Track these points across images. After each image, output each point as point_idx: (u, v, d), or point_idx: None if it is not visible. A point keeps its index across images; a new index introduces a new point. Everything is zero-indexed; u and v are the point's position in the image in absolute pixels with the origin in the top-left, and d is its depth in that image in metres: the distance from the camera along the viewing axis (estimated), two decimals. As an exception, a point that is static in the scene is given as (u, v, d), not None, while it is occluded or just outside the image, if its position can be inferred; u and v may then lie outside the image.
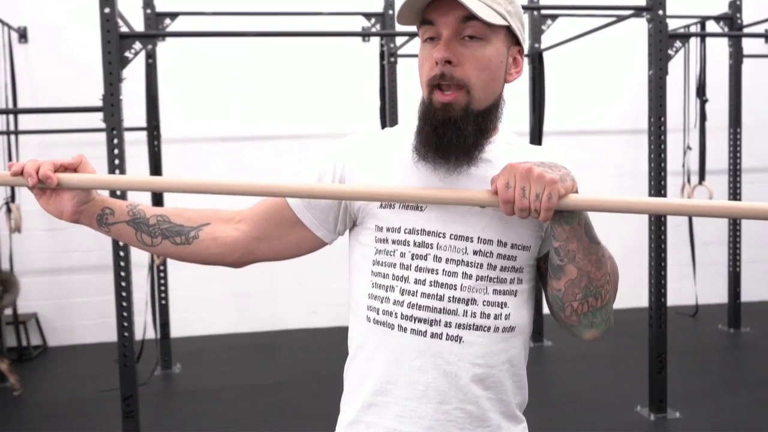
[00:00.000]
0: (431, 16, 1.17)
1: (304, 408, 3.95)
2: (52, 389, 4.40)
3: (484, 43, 1.17)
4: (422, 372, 1.20)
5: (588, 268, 1.18)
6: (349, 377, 1.30)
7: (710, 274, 5.99)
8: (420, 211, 1.21)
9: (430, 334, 1.19)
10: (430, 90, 1.19)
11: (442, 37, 1.16)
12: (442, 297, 1.19)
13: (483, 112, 1.19)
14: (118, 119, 3.17)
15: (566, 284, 1.19)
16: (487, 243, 1.20)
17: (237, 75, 5.44)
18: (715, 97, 5.39)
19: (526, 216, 1.12)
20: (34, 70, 5.16)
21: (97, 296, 5.32)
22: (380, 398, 1.23)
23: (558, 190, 1.10)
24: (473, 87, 1.17)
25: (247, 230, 1.30)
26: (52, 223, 5.24)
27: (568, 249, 1.17)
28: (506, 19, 1.17)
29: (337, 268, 5.52)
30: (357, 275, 1.28)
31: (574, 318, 1.22)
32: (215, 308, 5.52)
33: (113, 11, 3.12)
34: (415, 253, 1.20)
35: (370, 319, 1.23)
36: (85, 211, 1.27)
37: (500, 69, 1.20)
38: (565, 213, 1.14)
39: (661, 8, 3.50)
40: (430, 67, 1.18)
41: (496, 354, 1.21)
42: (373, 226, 1.24)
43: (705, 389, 4.06)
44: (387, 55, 4.68)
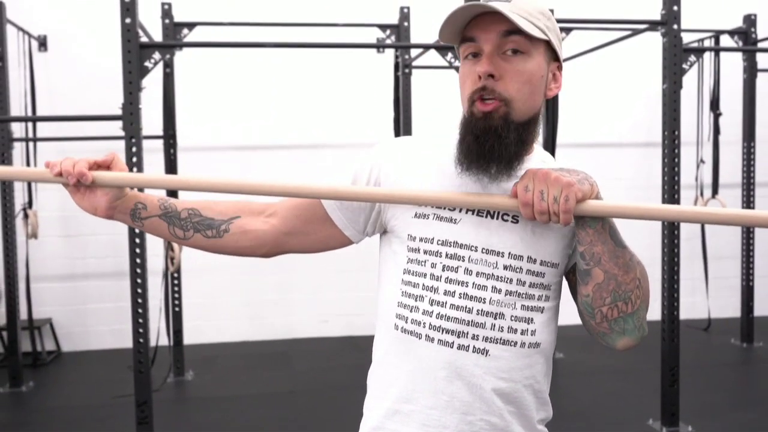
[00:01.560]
0: (472, 33, 1.19)
1: (316, 416, 3.96)
2: (66, 394, 4.44)
3: (525, 57, 1.18)
4: (447, 382, 1.21)
5: (615, 271, 1.18)
6: (373, 382, 1.31)
7: (723, 287, 5.97)
8: (453, 224, 1.22)
9: (457, 346, 1.21)
10: (471, 103, 1.20)
11: (483, 53, 1.18)
12: (471, 309, 1.20)
13: (523, 124, 1.20)
14: (137, 128, 3.21)
15: (594, 288, 1.19)
16: (518, 259, 1.22)
17: (253, 85, 5.49)
18: (728, 111, 5.40)
19: (546, 220, 1.14)
20: (52, 78, 5.23)
21: (111, 302, 5.36)
22: (405, 406, 1.24)
23: (575, 192, 1.12)
24: (514, 100, 1.18)
25: (277, 224, 1.33)
26: (68, 229, 5.30)
27: (593, 252, 1.18)
28: (546, 34, 1.19)
29: (349, 278, 5.59)
30: (387, 283, 1.29)
31: (605, 325, 1.22)
32: (228, 316, 5.55)
33: (134, 21, 3.16)
34: (447, 265, 1.22)
35: (397, 327, 1.25)
36: (118, 206, 1.30)
37: (541, 83, 1.22)
38: (587, 217, 1.16)
39: (676, 23, 3.52)
40: (472, 81, 1.20)
41: (520, 369, 1.23)
42: (406, 236, 1.25)
43: (717, 404, 4.05)
44: (401, 67, 4.71)
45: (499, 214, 1.23)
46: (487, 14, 1.17)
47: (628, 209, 1.17)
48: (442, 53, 3.45)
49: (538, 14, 1.18)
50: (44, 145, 5.03)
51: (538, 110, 1.23)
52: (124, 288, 5.37)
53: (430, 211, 1.24)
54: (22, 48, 4.87)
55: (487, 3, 1.15)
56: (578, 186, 1.13)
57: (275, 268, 5.57)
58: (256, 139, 5.46)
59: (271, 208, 1.33)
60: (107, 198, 1.28)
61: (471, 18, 1.19)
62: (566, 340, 5.10)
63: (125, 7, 3.15)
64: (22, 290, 4.73)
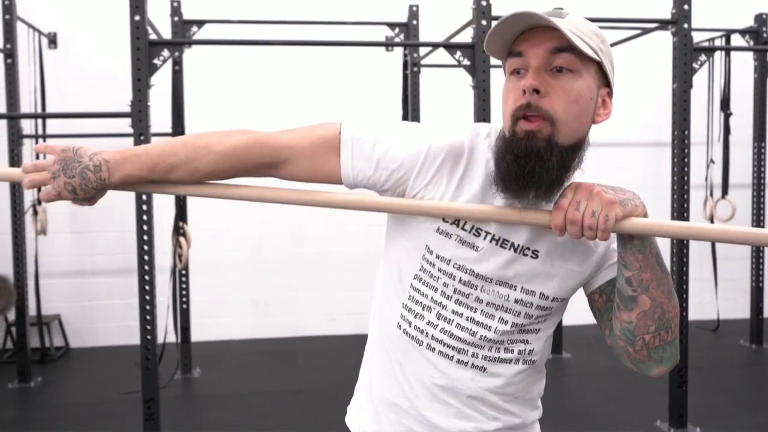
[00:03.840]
0: (520, 48, 1.14)
1: (322, 415, 3.97)
2: (74, 390, 4.45)
3: (574, 75, 1.13)
4: (443, 390, 1.24)
5: (661, 299, 1.17)
6: (372, 368, 1.33)
7: (732, 289, 5.94)
8: (474, 251, 1.20)
9: (456, 360, 1.23)
10: (514, 121, 1.14)
11: (530, 68, 1.13)
12: (475, 333, 1.22)
13: (567, 148, 1.14)
14: (146, 125, 3.21)
15: (639, 316, 1.17)
16: (530, 294, 1.21)
17: (261, 82, 5.49)
18: (739, 111, 5.36)
19: (578, 233, 1.10)
20: (62, 75, 5.25)
21: (119, 299, 5.38)
22: (403, 401, 1.27)
23: (616, 211, 1.09)
24: (559, 120, 1.12)
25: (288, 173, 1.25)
26: (77, 226, 5.32)
27: (642, 278, 1.15)
28: (598, 54, 1.14)
29: (357, 277, 5.59)
30: (393, 279, 1.28)
31: (644, 353, 1.20)
32: (235, 313, 5.56)
33: (143, 19, 3.17)
34: (459, 289, 1.21)
35: (400, 327, 1.26)
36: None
37: (589, 106, 1.16)
38: (636, 240, 1.13)
39: (687, 22, 3.50)
40: (515, 97, 1.14)
41: (515, 384, 1.26)
42: (424, 245, 1.22)
43: (725, 406, 4.03)
44: (410, 65, 4.71)
45: (520, 247, 1.20)
46: (537, 29, 1.13)
47: (671, 228, 1.14)
48: (451, 51, 3.44)
49: (592, 34, 1.14)
50: (54, 142, 5.03)
51: (585, 135, 1.17)
52: (132, 285, 5.37)
53: (453, 231, 1.20)
54: (32, 45, 4.88)
55: (542, 15, 1.10)
56: (620, 206, 1.10)
57: (282, 265, 5.58)
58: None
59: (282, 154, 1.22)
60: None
61: (520, 32, 1.14)
62: (573, 340, 5.08)
63: (134, 5, 3.15)
64: (31, 286, 4.74)
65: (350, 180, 1.22)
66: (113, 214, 5.32)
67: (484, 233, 1.20)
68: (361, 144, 1.20)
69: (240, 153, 1.20)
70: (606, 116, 1.20)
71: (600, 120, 1.19)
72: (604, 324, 1.27)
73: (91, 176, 1.20)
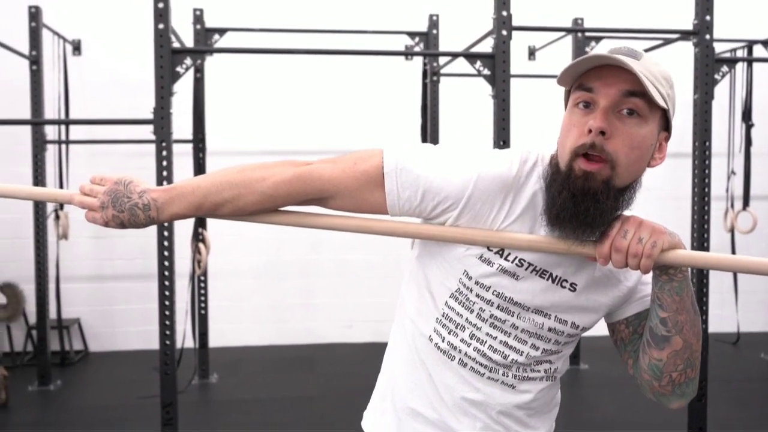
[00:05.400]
0: (592, 83, 1.13)
1: (339, 422, 3.97)
2: (93, 394, 4.49)
3: (641, 121, 1.13)
4: (471, 404, 1.26)
5: (692, 340, 1.20)
6: (396, 376, 1.32)
7: (752, 302, 5.87)
8: (515, 279, 1.21)
9: (487, 377, 1.25)
10: (574, 156, 1.13)
11: (599, 106, 1.12)
12: (507, 356, 1.24)
13: (622, 189, 1.15)
14: (168, 132, 3.25)
15: (669, 355, 1.20)
16: (563, 323, 1.24)
17: (281, 90, 5.52)
18: (761, 122, 5.32)
19: (622, 261, 1.12)
20: (85, 81, 5.31)
21: (138, 304, 5.42)
22: (429, 411, 1.28)
23: (663, 240, 1.11)
24: (619, 164, 1.12)
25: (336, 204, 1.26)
26: (98, 231, 5.37)
27: (677, 320, 1.18)
28: (666, 102, 1.14)
29: (374, 284, 5.60)
30: (425, 292, 1.28)
31: (669, 388, 1.23)
32: (253, 320, 5.58)
33: (167, 27, 3.20)
34: (495, 315, 1.23)
35: (432, 340, 1.27)
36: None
37: (649, 151, 1.16)
38: (675, 283, 1.15)
39: (708, 33, 3.48)
40: (579, 134, 1.13)
41: (541, 399, 1.29)
42: (462, 270, 1.23)
43: (745, 419, 3.99)
44: (430, 74, 4.72)
45: (559, 279, 1.22)
46: (612, 67, 1.12)
47: (714, 260, 1.16)
48: (471, 61, 3.45)
49: (663, 80, 1.14)
50: (76, 148, 5.11)
51: (639, 178, 1.18)
52: (152, 290, 5.40)
53: (496, 260, 1.21)
54: (57, 52, 4.95)
55: (620, 57, 1.09)
56: (668, 236, 1.12)
57: (300, 272, 5.60)
58: (283, 144, 5.48)
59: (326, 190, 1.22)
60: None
61: (593, 66, 1.13)
62: (591, 351, 5.04)
63: (158, 13, 3.19)
64: (52, 290, 4.80)
65: (396, 211, 1.22)
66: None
67: (526, 264, 1.21)
68: (406, 174, 1.20)
69: (284, 191, 1.22)
70: (661, 160, 1.20)
71: (655, 164, 1.20)
72: (628, 354, 1.30)
73: (140, 214, 1.24)
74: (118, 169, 5.28)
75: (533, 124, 4.71)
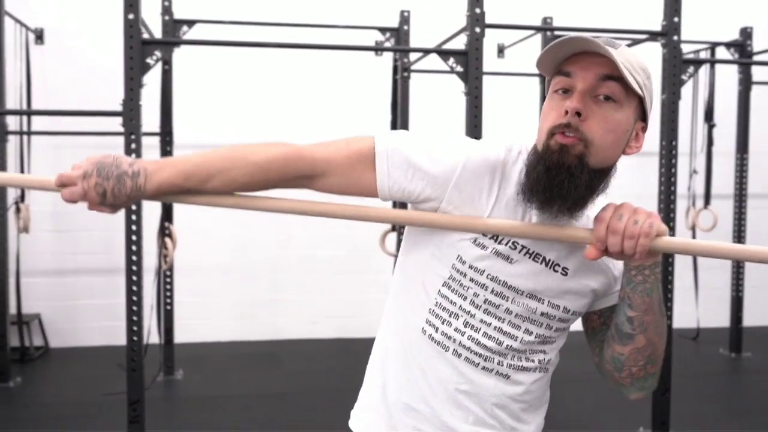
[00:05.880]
0: (570, 68, 1.17)
1: (306, 419, 3.96)
2: (55, 391, 4.40)
3: (617, 106, 1.16)
4: (466, 396, 1.26)
5: (655, 339, 1.24)
6: (385, 371, 1.32)
7: (713, 298, 6.00)
8: (509, 263, 1.23)
9: (482, 367, 1.25)
10: (550, 136, 1.17)
11: (575, 90, 1.16)
12: (501, 343, 1.25)
13: (596, 171, 1.18)
14: (137, 124, 3.19)
15: (631, 351, 1.24)
16: (555, 308, 1.26)
17: (250, 84, 5.47)
18: (722, 123, 5.43)
19: (618, 244, 1.12)
20: (48, 71, 5.19)
21: (102, 299, 5.33)
22: (421, 405, 1.28)
23: (659, 223, 1.14)
24: (593, 144, 1.16)
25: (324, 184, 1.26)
26: (60, 224, 5.27)
27: (644, 320, 1.21)
28: (642, 90, 1.18)
29: (340, 281, 5.59)
30: (418, 285, 1.29)
31: (629, 380, 1.28)
32: (218, 315, 5.52)
33: (137, 18, 3.14)
34: (489, 300, 1.24)
35: (425, 332, 1.27)
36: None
37: (624, 137, 1.20)
38: (648, 284, 1.18)
39: (677, 34, 3.54)
40: (557, 116, 1.17)
41: (533, 391, 1.30)
42: (455, 256, 1.24)
43: (707, 413, 4.08)
44: (400, 70, 4.72)
45: (551, 263, 1.24)
46: (589, 54, 1.15)
47: (706, 247, 1.19)
48: (444, 58, 3.45)
49: (639, 69, 1.18)
50: (38, 139, 4.99)
51: (614, 163, 1.21)
52: (116, 285, 5.32)
53: (490, 244, 1.23)
54: (18, 40, 4.83)
55: (596, 42, 1.13)
56: (659, 220, 1.15)
57: (266, 268, 5.56)
58: (252, 139, 5.42)
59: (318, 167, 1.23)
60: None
61: (572, 54, 1.17)
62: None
63: (128, 3, 3.12)
64: (12, 285, 4.68)
65: (385, 192, 1.23)
66: (96, 213, 5.24)
67: (520, 246, 1.23)
68: (396, 155, 1.22)
69: (277, 164, 1.21)
70: (637, 149, 1.23)
71: (630, 152, 1.23)
72: (595, 343, 1.35)
73: (128, 182, 1.20)
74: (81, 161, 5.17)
75: (503, 121, 4.74)
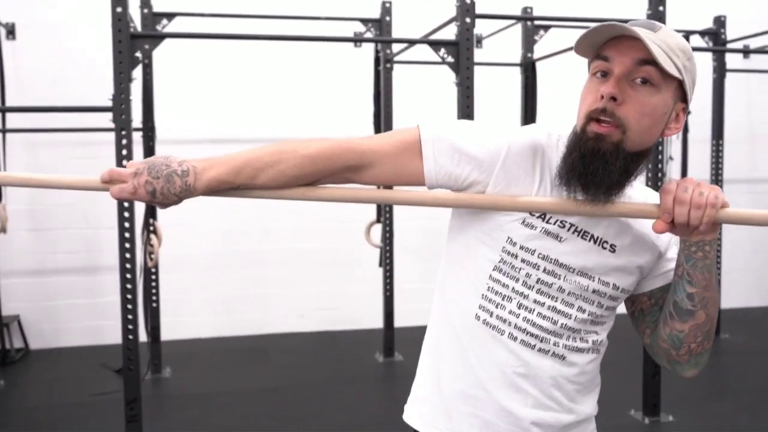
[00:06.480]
0: (607, 52, 1.19)
1: (297, 413, 3.95)
2: (40, 393, 4.31)
3: (653, 90, 1.17)
4: (523, 379, 1.27)
5: (713, 314, 1.26)
6: (438, 361, 1.33)
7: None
8: (559, 241, 1.24)
9: (538, 349, 1.26)
10: (587, 120, 1.19)
11: (612, 74, 1.18)
12: (556, 322, 1.26)
13: (633, 154, 1.19)
14: (128, 120, 3.14)
15: (691, 327, 1.26)
16: (605, 285, 1.27)
17: (232, 77, 5.41)
18: (697, 110, 5.53)
19: (685, 215, 1.15)
20: (21, 67, 5.07)
21: (83, 299, 5.24)
22: (479, 391, 1.28)
23: (722, 195, 1.16)
24: (630, 129, 1.17)
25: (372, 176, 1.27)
26: (38, 223, 5.16)
27: (704, 296, 1.24)
28: (681, 73, 1.18)
29: (326, 273, 5.57)
30: (468, 271, 1.30)
31: (686, 357, 1.30)
32: (203, 312, 5.47)
33: (125, 11, 3.09)
34: (542, 279, 1.25)
35: (479, 318, 1.27)
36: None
37: (662, 120, 1.21)
38: (708, 260, 1.21)
39: (662, 23, 3.59)
40: (593, 100, 1.19)
41: (587, 373, 1.32)
42: (505, 237, 1.25)
43: (695, 394, 4.16)
44: (383, 61, 4.72)
45: (600, 240, 1.26)
46: (627, 38, 1.17)
47: (764, 217, 1.20)
48: (435, 48, 3.46)
49: (680, 51, 1.18)
50: (13, 137, 4.88)
51: (651, 145, 1.23)
52: (97, 284, 5.25)
53: (539, 223, 1.24)
54: (-10, 36, 4.71)
55: (631, 27, 1.14)
56: (722, 193, 1.17)
57: (250, 262, 5.52)
58: (234, 132, 5.37)
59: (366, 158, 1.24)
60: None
61: (610, 38, 1.18)
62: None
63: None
64: (-9, 286, 4.59)
65: (432, 178, 1.24)
66: (76, 212, 5.17)
67: (568, 225, 1.25)
68: (442, 142, 1.23)
69: (326, 156, 1.22)
70: (677, 130, 1.25)
71: (670, 133, 1.24)
72: (646, 324, 1.36)
73: (177, 180, 1.20)
74: (61, 159, 5.08)
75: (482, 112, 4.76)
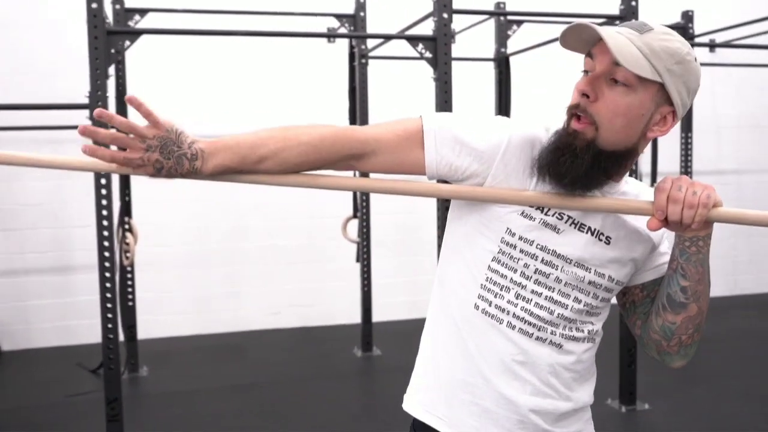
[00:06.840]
0: (594, 50, 1.23)
1: (277, 409, 3.94)
2: (15, 395, 4.24)
3: (628, 90, 1.19)
4: (521, 366, 1.29)
5: (704, 307, 1.30)
6: (437, 350, 1.36)
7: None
8: (556, 233, 1.27)
9: (535, 337, 1.29)
10: (570, 117, 1.25)
11: (593, 72, 1.23)
12: (553, 312, 1.29)
13: (608, 153, 1.22)
14: (105, 117, 3.09)
15: (683, 319, 1.30)
16: (601, 277, 1.31)
17: (205, 73, 5.35)
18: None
19: (678, 213, 1.18)
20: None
21: (54, 299, 5.16)
22: (478, 380, 1.30)
23: (715, 195, 1.19)
24: (602, 126, 1.21)
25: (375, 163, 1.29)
26: (6, 223, 5.06)
27: (697, 290, 1.28)
28: (661, 76, 1.19)
29: (300, 270, 5.56)
30: (467, 262, 1.32)
31: (676, 348, 1.34)
32: (178, 310, 5.42)
33: (101, 6, 3.05)
34: (539, 269, 1.28)
35: (478, 308, 1.30)
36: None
37: (639, 121, 1.22)
38: (701, 255, 1.24)
39: (635, 17, 3.65)
40: (575, 96, 1.24)
41: (583, 361, 1.35)
42: (504, 228, 1.28)
43: (669, 381, 4.25)
44: (358, 57, 4.71)
45: (596, 232, 1.29)
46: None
47: (756, 217, 1.22)
48: (413, 44, 3.47)
49: (665, 55, 1.18)
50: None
51: (632, 146, 1.24)
52: (67, 283, 5.17)
53: (537, 215, 1.27)
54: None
55: (602, 29, 1.17)
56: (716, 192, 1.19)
57: (224, 260, 5.49)
58: (208, 128, 5.30)
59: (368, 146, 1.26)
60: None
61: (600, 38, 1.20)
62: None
63: (91, -9, 3.03)
64: (-39, 287, 4.50)
65: (433, 168, 1.27)
66: (45, 211, 5.09)
67: (566, 217, 1.28)
68: (444, 133, 1.26)
69: (328, 143, 1.23)
70: (661, 133, 1.25)
71: (653, 135, 1.25)
72: (637, 316, 1.40)
73: (186, 163, 1.21)
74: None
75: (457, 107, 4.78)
